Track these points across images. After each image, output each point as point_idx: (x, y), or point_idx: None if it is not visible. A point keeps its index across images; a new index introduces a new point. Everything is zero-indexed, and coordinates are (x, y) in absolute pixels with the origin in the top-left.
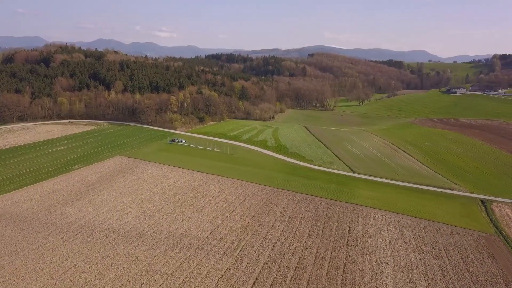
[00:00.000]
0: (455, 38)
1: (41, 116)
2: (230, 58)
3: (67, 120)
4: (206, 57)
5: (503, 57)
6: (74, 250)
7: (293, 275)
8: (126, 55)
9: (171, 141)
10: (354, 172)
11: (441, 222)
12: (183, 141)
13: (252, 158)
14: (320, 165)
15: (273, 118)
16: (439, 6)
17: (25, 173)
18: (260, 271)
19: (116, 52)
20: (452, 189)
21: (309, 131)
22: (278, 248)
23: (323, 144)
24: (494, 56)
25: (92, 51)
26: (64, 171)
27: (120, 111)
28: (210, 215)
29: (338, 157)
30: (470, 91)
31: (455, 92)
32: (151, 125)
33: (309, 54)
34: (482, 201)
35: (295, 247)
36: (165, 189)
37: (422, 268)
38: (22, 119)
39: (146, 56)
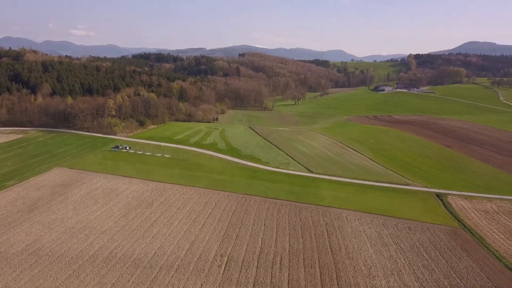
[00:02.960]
0: (369, 39)
1: None
2: (160, 57)
3: None
4: (134, 56)
5: (417, 56)
6: (33, 285)
7: None
8: (47, 54)
9: (114, 148)
10: (312, 172)
11: (409, 218)
12: (128, 148)
13: (207, 163)
14: (278, 167)
15: (216, 119)
16: (350, 8)
17: None
18: None
19: (35, 52)
20: (408, 185)
21: (256, 132)
22: (264, 260)
23: (274, 145)
24: (409, 56)
25: (7, 50)
26: None
27: (50, 117)
28: (181, 229)
29: (292, 157)
30: (396, 89)
31: (383, 90)
32: (88, 131)
33: (239, 54)
34: (437, 195)
35: (281, 258)
36: (123, 203)
37: (410, 269)
38: None
39: (67, 56)
